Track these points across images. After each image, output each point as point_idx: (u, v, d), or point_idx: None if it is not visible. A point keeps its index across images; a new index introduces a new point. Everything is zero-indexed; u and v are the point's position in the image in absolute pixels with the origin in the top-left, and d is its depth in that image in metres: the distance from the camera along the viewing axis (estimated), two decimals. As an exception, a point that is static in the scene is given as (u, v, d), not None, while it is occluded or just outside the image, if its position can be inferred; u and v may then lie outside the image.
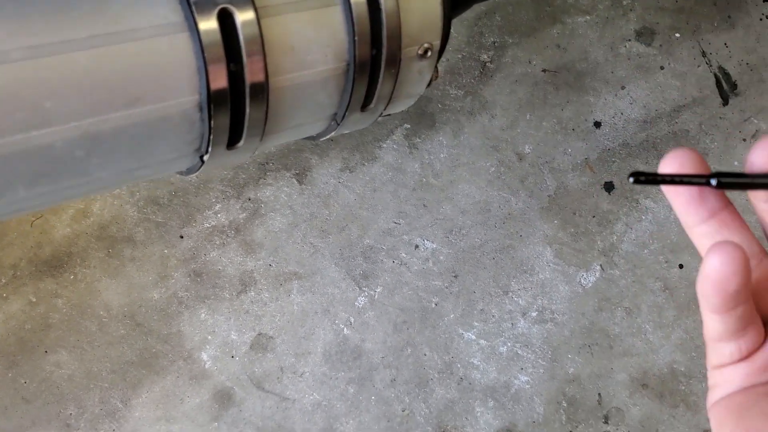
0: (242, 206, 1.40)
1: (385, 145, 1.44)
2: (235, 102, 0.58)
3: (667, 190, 0.38)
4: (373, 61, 0.65)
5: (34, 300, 1.34)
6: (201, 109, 0.56)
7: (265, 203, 1.40)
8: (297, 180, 1.42)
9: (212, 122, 0.57)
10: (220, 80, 0.55)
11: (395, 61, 0.67)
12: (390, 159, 1.43)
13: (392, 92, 0.71)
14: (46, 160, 0.51)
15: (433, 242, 1.40)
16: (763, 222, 0.38)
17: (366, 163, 1.43)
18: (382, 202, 1.41)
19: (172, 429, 1.31)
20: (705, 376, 1.34)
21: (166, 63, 0.54)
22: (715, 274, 0.33)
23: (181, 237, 1.38)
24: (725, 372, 0.38)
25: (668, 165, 0.36)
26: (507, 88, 1.47)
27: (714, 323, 0.36)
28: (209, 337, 1.35)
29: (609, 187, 1.42)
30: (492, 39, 1.49)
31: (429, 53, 0.69)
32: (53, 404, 1.31)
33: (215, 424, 1.32)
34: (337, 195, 1.41)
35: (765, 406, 0.36)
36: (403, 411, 1.33)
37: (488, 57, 1.48)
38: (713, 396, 0.39)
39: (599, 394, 1.34)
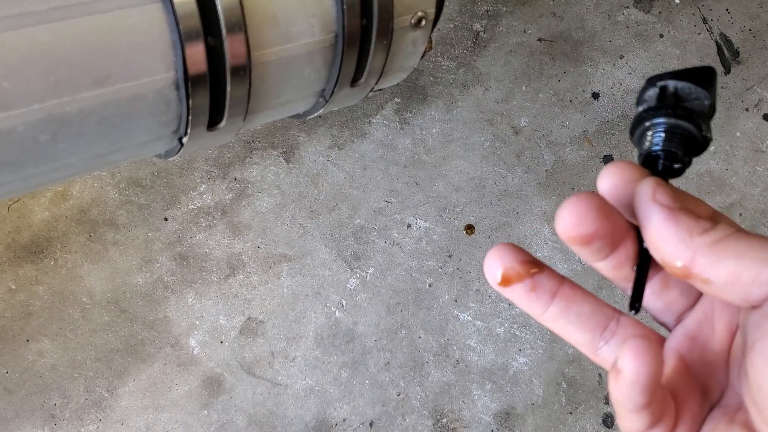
0: (228, 186, 1.36)
1: (374, 121, 1.40)
2: (215, 79, 0.54)
3: (503, 290, 0.37)
4: (363, 32, 0.61)
5: (14, 287, 1.30)
6: (177, 87, 0.52)
7: (251, 183, 1.36)
8: (284, 158, 1.37)
9: (190, 101, 0.53)
10: (197, 55, 0.51)
11: (387, 32, 0.62)
12: (380, 135, 1.39)
13: (384, 65, 0.67)
14: (7, 146, 0.47)
15: (426, 221, 1.36)
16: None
17: (355, 140, 1.39)
18: (373, 181, 1.37)
19: (161, 418, 1.28)
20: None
21: (138, 37, 0.49)
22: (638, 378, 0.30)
23: (166, 219, 1.34)
24: None
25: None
26: (501, 58, 1.42)
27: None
28: (197, 322, 1.31)
29: (608, 160, 1.38)
30: (485, 7, 1.44)
31: (423, 22, 0.65)
32: (36, 394, 1.27)
33: (205, 412, 1.28)
34: (326, 174, 1.37)
35: None
36: (398, 395, 1.30)
37: (481, 26, 1.43)
38: None
39: (600, 374, 1.31)
